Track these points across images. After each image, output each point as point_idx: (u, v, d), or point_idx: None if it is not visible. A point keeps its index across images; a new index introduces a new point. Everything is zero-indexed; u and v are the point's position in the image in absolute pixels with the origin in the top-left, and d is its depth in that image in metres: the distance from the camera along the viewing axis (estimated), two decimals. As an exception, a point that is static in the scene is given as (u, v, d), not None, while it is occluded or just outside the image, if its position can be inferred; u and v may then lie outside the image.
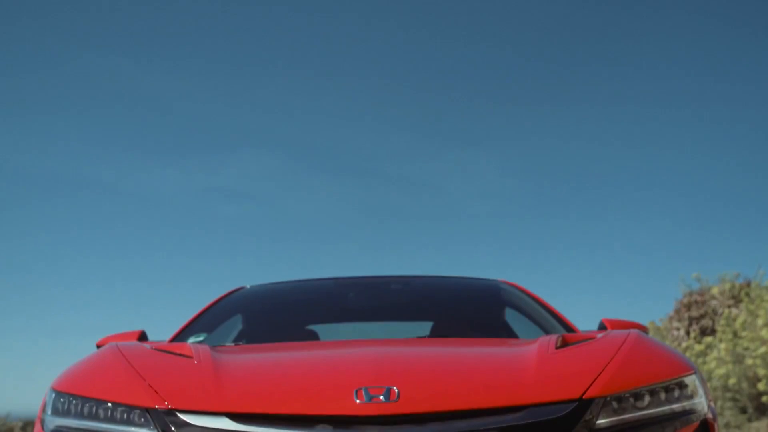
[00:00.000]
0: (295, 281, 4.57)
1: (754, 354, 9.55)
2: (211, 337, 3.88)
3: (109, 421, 2.46)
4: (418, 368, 2.63)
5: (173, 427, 2.35)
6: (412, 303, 4.41)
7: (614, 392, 2.43)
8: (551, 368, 2.56)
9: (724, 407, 9.95)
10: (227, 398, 2.39)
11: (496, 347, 3.12)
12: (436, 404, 2.33)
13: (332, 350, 3.13)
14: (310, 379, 2.53)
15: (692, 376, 2.63)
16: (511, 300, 4.30)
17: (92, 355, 2.93)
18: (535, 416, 2.31)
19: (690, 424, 2.51)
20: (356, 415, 2.29)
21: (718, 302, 12.66)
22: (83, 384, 2.62)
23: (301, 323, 4.21)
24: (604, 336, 2.96)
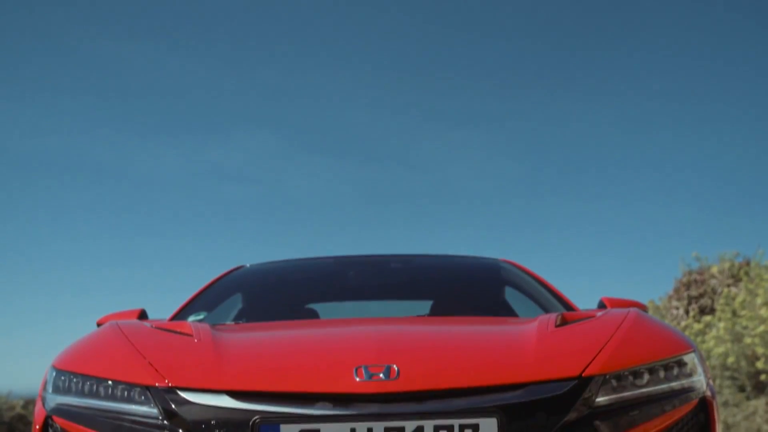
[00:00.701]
0: (294, 260, 4.57)
1: (752, 333, 9.58)
2: (211, 315, 3.89)
3: (109, 398, 2.47)
4: (418, 346, 2.64)
5: (173, 404, 2.36)
6: (412, 282, 4.42)
7: (613, 370, 2.44)
8: (550, 346, 2.57)
9: (722, 386, 9.99)
10: (227, 376, 2.40)
11: (496, 326, 3.12)
12: (435, 382, 2.33)
13: (332, 328, 3.13)
14: (310, 357, 2.53)
15: (691, 354, 2.63)
16: (510, 279, 4.30)
17: (92, 333, 2.94)
18: (534, 394, 2.32)
19: (689, 401, 2.51)
20: (356, 393, 2.29)
21: (718, 281, 12.69)
22: (84, 362, 2.63)
23: (301, 302, 4.22)
24: (604, 314, 2.96)
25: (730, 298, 11.02)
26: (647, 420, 2.40)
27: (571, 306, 3.84)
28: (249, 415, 2.27)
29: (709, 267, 13.07)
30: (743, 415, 9.56)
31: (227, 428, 2.27)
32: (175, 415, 2.34)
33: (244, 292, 4.28)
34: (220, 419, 2.29)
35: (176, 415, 2.34)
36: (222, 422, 2.28)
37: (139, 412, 2.40)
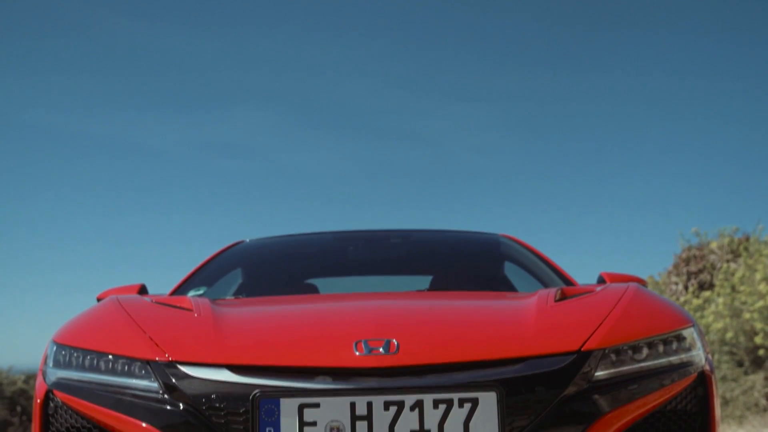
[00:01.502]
0: (294, 235, 4.57)
1: (751, 308, 9.60)
2: (211, 290, 3.90)
3: (109, 373, 2.48)
4: (418, 321, 2.64)
5: (174, 379, 2.36)
6: (412, 257, 4.42)
7: (612, 345, 2.44)
8: (550, 321, 2.57)
9: (721, 361, 10.03)
10: (227, 350, 2.40)
11: (495, 300, 3.13)
12: (435, 356, 2.34)
13: (332, 303, 3.14)
14: (310, 332, 2.54)
15: (690, 328, 2.64)
16: (510, 254, 4.31)
17: (93, 308, 2.94)
18: (533, 368, 2.33)
19: (688, 376, 2.52)
20: (356, 367, 2.30)
21: (717, 257, 12.70)
22: (84, 336, 2.63)
23: (301, 277, 4.22)
24: (603, 289, 2.97)
25: (730, 273, 11.04)
26: (646, 394, 2.41)
27: (571, 281, 3.85)
28: (249, 389, 2.28)
29: (709, 243, 13.09)
30: (741, 390, 9.60)
31: (227, 402, 2.28)
32: (175, 389, 2.35)
33: (244, 267, 4.29)
34: (220, 393, 2.30)
35: (176, 389, 2.34)
36: (222, 396, 2.29)
37: (140, 386, 2.41)
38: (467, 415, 2.24)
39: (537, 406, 2.28)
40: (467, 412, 2.24)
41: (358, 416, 2.23)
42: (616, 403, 2.36)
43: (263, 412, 2.25)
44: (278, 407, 2.25)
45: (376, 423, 2.22)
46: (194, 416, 2.30)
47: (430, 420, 2.23)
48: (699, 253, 13.10)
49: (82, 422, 2.47)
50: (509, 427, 2.24)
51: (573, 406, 2.31)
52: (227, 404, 2.28)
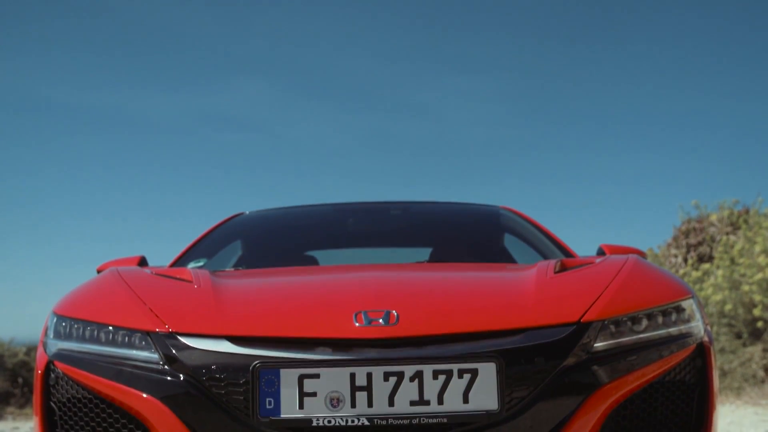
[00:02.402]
0: (294, 207, 4.57)
1: (750, 280, 9.62)
2: (211, 262, 3.90)
3: (110, 344, 2.48)
4: (417, 292, 2.64)
5: (174, 350, 2.37)
6: (412, 228, 4.42)
7: (612, 316, 2.45)
8: (549, 292, 2.57)
9: (719, 333, 10.06)
10: (227, 322, 2.40)
11: (495, 272, 3.13)
12: (434, 327, 2.34)
13: (331, 274, 3.14)
14: (310, 303, 2.54)
15: (689, 300, 2.64)
16: (510, 226, 4.30)
17: (93, 279, 2.94)
18: (533, 339, 2.33)
19: (686, 347, 2.52)
20: (355, 338, 2.30)
21: (717, 229, 12.71)
22: (84, 308, 2.63)
23: (300, 249, 4.22)
24: (603, 261, 2.97)
25: (729, 246, 11.05)
26: (645, 365, 2.42)
27: (570, 253, 3.85)
28: (249, 360, 2.28)
29: (708, 215, 13.09)
30: (739, 362, 9.64)
31: (227, 373, 2.29)
32: (175, 360, 2.35)
33: (244, 239, 4.29)
34: (220, 364, 2.30)
35: (177, 360, 2.35)
36: (222, 367, 2.30)
37: (140, 357, 2.41)
38: (467, 386, 2.25)
39: (536, 377, 2.29)
40: (467, 383, 2.25)
41: (358, 387, 2.24)
42: (615, 374, 2.37)
43: (263, 383, 2.26)
44: (278, 378, 2.26)
45: (375, 393, 2.23)
46: (194, 387, 2.31)
47: (429, 390, 2.24)
48: (698, 225, 13.11)
49: (83, 393, 2.48)
50: (508, 398, 2.25)
51: (572, 377, 2.32)
52: (227, 375, 2.29)
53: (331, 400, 2.24)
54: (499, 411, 2.24)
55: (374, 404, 2.23)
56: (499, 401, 2.24)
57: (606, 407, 2.35)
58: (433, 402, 2.24)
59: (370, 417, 2.22)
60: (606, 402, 2.35)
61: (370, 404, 2.23)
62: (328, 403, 2.24)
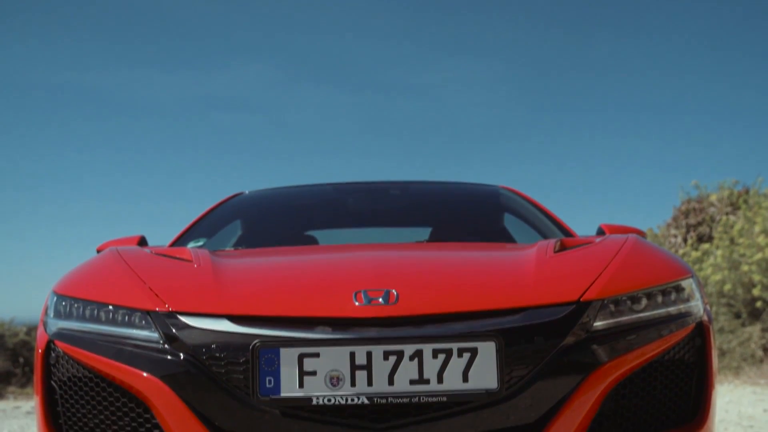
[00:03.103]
0: (293, 187, 4.56)
1: (750, 260, 9.63)
2: (211, 242, 3.90)
3: (110, 323, 2.48)
4: (417, 271, 2.64)
5: (174, 329, 2.37)
6: (411, 208, 4.41)
7: (611, 295, 2.45)
8: (549, 271, 2.57)
9: (718, 312, 10.09)
10: (227, 301, 2.41)
11: (495, 251, 3.13)
12: (434, 306, 2.35)
13: (331, 254, 3.14)
14: (310, 282, 2.54)
15: (689, 279, 2.64)
16: (510, 205, 4.30)
17: (92, 259, 2.94)
18: (532, 318, 2.33)
19: (686, 326, 2.53)
20: (355, 317, 2.31)
21: (716, 209, 12.71)
22: (84, 287, 2.63)
23: (300, 228, 4.22)
24: (603, 240, 2.96)
25: (729, 226, 11.05)
26: (644, 344, 2.42)
27: (570, 232, 3.85)
28: (249, 339, 2.29)
29: (708, 195, 13.09)
30: (738, 341, 9.67)
31: (227, 352, 2.29)
32: (175, 340, 2.35)
33: (244, 219, 4.28)
34: (220, 343, 2.31)
35: (177, 339, 2.35)
36: (222, 346, 2.30)
37: (140, 336, 2.41)
38: (466, 365, 2.25)
39: (536, 356, 2.29)
40: (466, 362, 2.25)
41: (358, 366, 2.24)
42: (615, 353, 2.37)
43: (263, 362, 2.26)
44: (278, 357, 2.26)
45: (375, 372, 2.24)
46: (194, 366, 2.31)
47: (429, 369, 2.25)
48: (698, 205, 13.11)
49: (84, 372, 2.48)
50: (508, 377, 2.26)
51: (571, 356, 2.32)
52: (227, 354, 2.29)
53: (331, 378, 2.24)
54: (499, 390, 2.24)
55: (374, 383, 2.23)
56: (499, 380, 2.25)
57: (605, 386, 2.36)
58: (433, 381, 2.24)
59: (369, 396, 2.23)
60: (605, 381, 2.35)
61: (369, 383, 2.24)
62: (328, 381, 2.24)
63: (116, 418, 2.44)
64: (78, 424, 2.50)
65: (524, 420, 2.28)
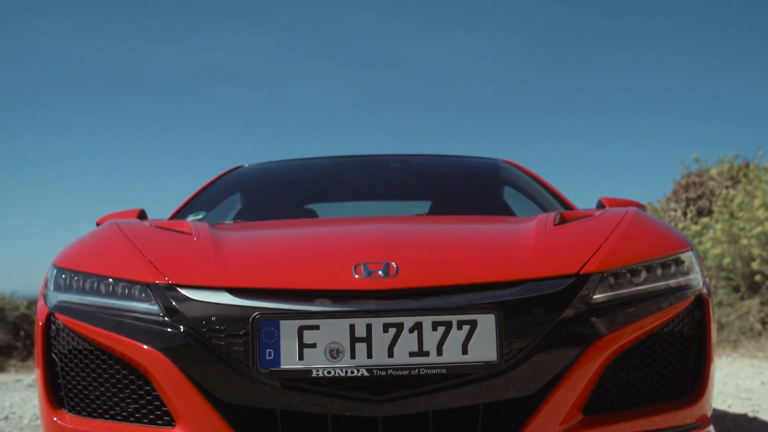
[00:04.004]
0: (293, 160, 4.56)
1: (749, 234, 9.63)
2: (210, 215, 3.90)
3: (110, 296, 2.49)
4: (417, 244, 2.64)
5: (174, 302, 2.37)
6: (411, 181, 4.41)
7: (611, 268, 2.45)
8: (549, 244, 2.57)
9: (717, 286, 10.10)
10: (227, 273, 2.41)
11: (495, 224, 3.12)
12: (434, 279, 2.35)
13: (331, 227, 3.14)
14: (309, 255, 2.54)
15: (689, 252, 2.64)
16: (510, 179, 4.30)
17: (92, 232, 2.94)
18: (532, 291, 2.34)
19: (685, 299, 2.53)
20: (355, 290, 2.31)
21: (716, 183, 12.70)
22: (84, 260, 2.64)
23: (300, 202, 4.22)
24: (602, 213, 2.96)
25: (728, 199, 11.04)
26: (643, 317, 2.42)
27: (570, 206, 3.84)
28: (249, 311, 2.29)
29: (708, 169, 13.07)
30: (737, 315, 9.69)
31: (227, 325, 2.29)
32: (175, 312, 2.36)
33: (243, 192, 4.28)
34: (220, 316, 2.31)
35: (176, 311, 2.36)
36: (222, 319, 2.30)
37: (140, 309, 2.42)
38: (466, 337, 2.26)
39: (535, 329, 2.29)
40: (466, 334, 2.25)
41: (358, 338, 2.25)
42: (614, 326, 2.38)
43: (263, 334, 2.27)
44: (278, 329, 2.26)
45: (375, 345, 2.24)
46: (194, 338, 2.32)
47: (428, 341, 2.25)
48: (698, 179, 13.09)
49: (84, 344, 2.49)
50: (507, 349, 2.26)
51: (571, 329, 2.33)
52: (227, 326, 2.29)
53: (331, 351, 2.25)
54: (498, 362, 2.25)
55: (374, 355, 2.24)
56: (498, 352, 2.25)
57: (604, 358, 2.36)
58: (433, 353, 2.25)
59: (369, 368, 2.24)
60: (604, 353, 2.36)
61: (369, 355, 2.24)
62: (328, 354, 2.25)
63: (117, 390, 2.45)
64: (79, 396, 2.51)
65: (523, 392, 2.29)
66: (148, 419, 2.42)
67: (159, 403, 2.40)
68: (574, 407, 2.33)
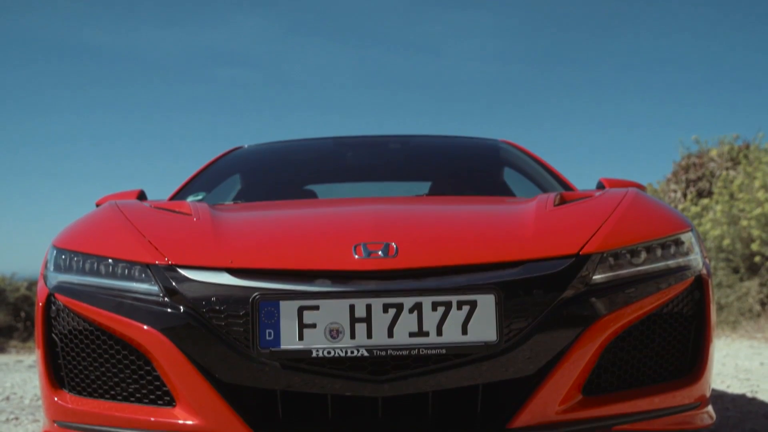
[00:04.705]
0: (293, 141, 4.55)
1: (749, 215, 9.63)
2: (210, 196, 3.90)
3: (110, 276, 2.49)
4: (417, 224, 2.64)
5: (174, 282, 2.37)
6: (411, 162, 4.40)
7: (611, 248, 2.45)
8: (549, 225, 2.57)
9: (717, 267, 10.12)
10: (227, 254, 2.41)
11: (494, 205, 3.12)
12: (434, 259, 2.35)
13: (331, 207, 3.13)
14: (309, 235, 2.54)
15: (689, 233, 2.64)
16: (510, 159, 4.29)
17: (91, 213, 2.94)
18: (532, 271, 2.33)
19: (685, 279, 2.53)
20: (355, 270, 2.31)
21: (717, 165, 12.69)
22: (83, 241, 2.63)
23: (299, 183, 4.22)
24: (602, 194, 2.96)
25: (728, 181, 11.04)
26: (643, 297, 2.43)
27: (570, 186, 3.84)
28: (249, 292, 2.29)
29: (709, 150, 13.05)
30: (736, 296, 9.71)
31: (227, 305, 2.29)
32: (175, 293, 2.36)
33: (243, 173, 4.28)
34: (220, 296, 2.31)
35: (176, 292, 2.36)
36: (222, 299, 2.30)
37: (140, 289, 2.42)
38: (465, 317, 2.26)
39: (534, 309, 2.29)
40: (465, 315, 2.26)
41: (357, 318, 2.25)
42: (613, 306, 2.38)
43: (263, 315, 2.27)
44: (278, 309, 2.27)
45: (375, 325, 2.24)
46: (194, 319, 2.32)
47: (428, 322, 2.25)
48: (698, 161, 13.08)
49: (84, 325, 2.49)
50: (507, 329, 2.27)
51: (570, 309, 2.33)
52: (227, 307, 2.29)
53: (331, 331, 2.25)
54: (498, 342, 2.25)
55: (373, 335, 2.24)
56: (498, 333, 2.25)
57: (604, 339, 2.37)
58: (432, 333, 2.25)
59: (369, 348, 2.24)
60: (604, 334, 2.36)
61: (369, 335, 2.24)
62: (328, 334, 2.25)
63: (117, 370, 2.46)
64: (79, 377, 2.52)
65: (523, 372, 2.29)
66: (148, 399, 2.43)
67: (159, 383, 2.41)
68: (574, 387, 2.34)
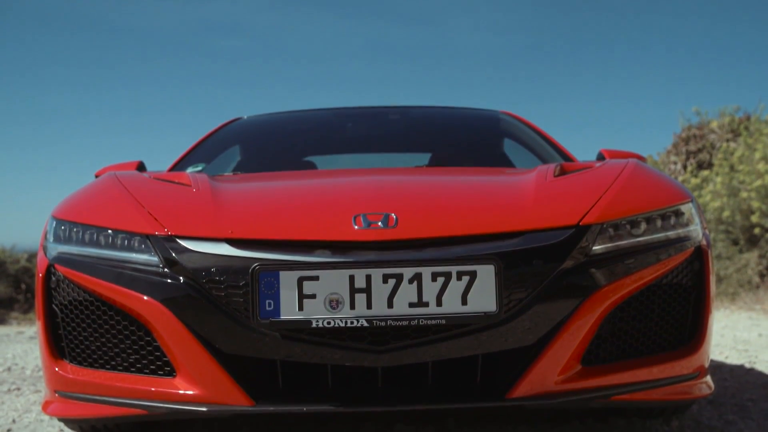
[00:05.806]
0: (292, 112, 4.54)
1: (749, 187, 9.62)
2: (209, 167, 3.89)
3: (109, 247, 2.48)
4: (416, 195, 2.64)
5: (173, 253, 2.37)
6: (411, 133, 4.39)
7: (611, 219, 2.44)
8: (549, 195, 2.57)
9: (716, 239, 10.12)
10: (226, 224, 2.40)
11: (494, 176, 3.12)
12: (433, 230, 2.34)
13: (330, 178, 3.13)
14: (309, 206, 2.54)
15: (688, 204, 2.64)
16: (510, 130, 4.28)
17: (91, 184, 2.93)
18: (531, 242, 2.33)
19: (684, 250, 2.53)
20: (354, 241, 2.31)
21: (717, 136, 12.66)
22: (83, 212, 2.63)
23: (299, 154, 4.21)
24: (603, 165, 2.95)
25: (729, 153, 11.02)
26: (643, 268, 2.43)
27: (570, 157, 3.83)
28: (248, 262, 2.29)
29: (709, 122, 13.02)
30: (735, 268, 9.73)
31: (227, 275, 2.29)
32: (175, 263, 2.36)
33: (242, 144, 4.27)
34: (220, 267, 2.31)
35: (176, 263, 2.36)
36: (222, 270, 2.30)
37: (140, 260, 2.42)
38: (465, 288, 2.26)
39: (534, 280, 2.30)
40: (465, 285, 2.26)
41: (357, 289, 2.25)
42: (613, 277, 2.38)
43: (263, 285, 2.27)
44: (278, 280, 2.27)
45: (374, 295, 2.25)
46: (194, 289, 2.32)
47: (428, 292, 2.25)
48: (699, 132, 13.05)
49: (84, 295, 2.49)
50: (507, 300, 2.27)
51: (570, 280, 2.33)
52: (227, 277, 2.29)
53: (331, 302, 2.25)
54: (498, 312, 2.26)
55: (373, 306, 2.25)
56: (498, 303, 2.26)
57: (603, 309, 2.37)
58: (432, 304, 2.25)
59: (369, 318, 2.24)
60: (603, 304, 2.37)
61: (369, 306, 2.25)
62: (328, 304, 2.25)
63: (117, 341, 2.46)
64: (80, 347, 2.52)
65: (522, 342, 2.30)
66: (148, 369, 2.44)
67: (159, 354, 2.41)
68: (573, 357, 2.35)
